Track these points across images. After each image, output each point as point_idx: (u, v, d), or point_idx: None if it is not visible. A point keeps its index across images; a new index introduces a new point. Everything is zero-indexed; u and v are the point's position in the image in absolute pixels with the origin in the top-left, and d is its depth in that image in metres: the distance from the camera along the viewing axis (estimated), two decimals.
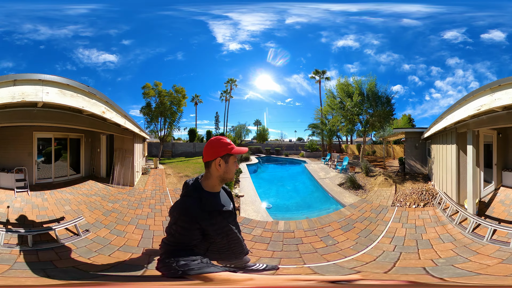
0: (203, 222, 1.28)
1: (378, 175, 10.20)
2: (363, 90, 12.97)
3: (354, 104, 12.54)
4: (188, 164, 15.91)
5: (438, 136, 8.45)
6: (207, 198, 1.38)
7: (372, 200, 7.22)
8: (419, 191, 7.64)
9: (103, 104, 5.05)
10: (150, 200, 6.84)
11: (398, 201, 7.03)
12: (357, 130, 15.04)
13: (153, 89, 18.03)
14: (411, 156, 12.03)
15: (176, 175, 10.71)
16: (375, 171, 11.45)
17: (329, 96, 14.51)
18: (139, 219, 5.29)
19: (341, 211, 6.48)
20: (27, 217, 4.77)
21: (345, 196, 7.75)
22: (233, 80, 32.78)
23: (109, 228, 4.69)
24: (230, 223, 1.46)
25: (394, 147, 21.37)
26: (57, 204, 5.78)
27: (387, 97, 13.03)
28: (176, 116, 18.68)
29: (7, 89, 3.12)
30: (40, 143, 7.81)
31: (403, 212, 6.21)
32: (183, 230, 1.25)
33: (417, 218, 5.86)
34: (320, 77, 28.56)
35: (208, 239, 1.34)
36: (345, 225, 5.55)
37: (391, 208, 6.55)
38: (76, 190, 6.97)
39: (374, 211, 6.32)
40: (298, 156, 23.18)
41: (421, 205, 6.72)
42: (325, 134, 21.58)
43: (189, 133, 29.65)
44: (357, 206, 6.77)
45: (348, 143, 32.33)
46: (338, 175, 11.30)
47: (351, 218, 5.95)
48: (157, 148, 20.59)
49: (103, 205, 6.03)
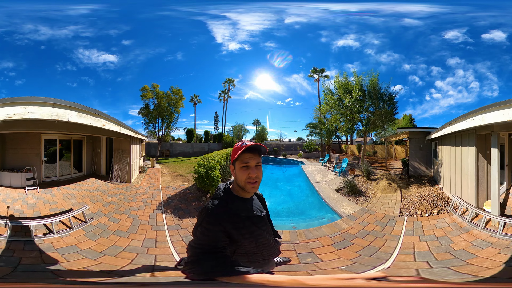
0: (227, 225, 1.19)
1: (380, 179, 9.13)
2: (364, 87, 11.89)
3: (353, 101, 11.44)
4: (185, 164, 15.43)
5: (449, 138, 7.45)
6: (234, 201, 1.29)
7: (376, 209, 6.16)
8: (429, 197, 6.58)
9: (103, 119, 6.41)
10: (144, 195, 7.44)
11: (407, 210, 5.98)
12: (357, 130, 13.87)
13: (151, 91, 18.07)
14: (415, 158, 10.96)
15: (171, 174, 10.87)
16: (377, 173, 10.39)
17: (327, 94, 13.42)
18: (132, 210, 6.02)
19: (336, 224, 5.42)
20: (41, 211, 5.31)
21: (342, 205, 6.67)
22: (231, 80, 31.80)
23: (108, 216, 5.46)
24: (260, 228, 1.33)
25: (395, 148, 20.26)
26: (64, 198, 6.35)
27: (390, 95, 11.91)
28: (174, 117, 18.72)
29: (47, 109, 4.38)
30: (44, 144, 8.24)
31: (416, 223, 5.20)
32: (207, 231, 1.16)
33: (434, 228, 4.96)
34: (318, 75, 27.37)
35: (234, 242, 1.23)
36: (340, 241, 4.54)
37: (399, 218, 5.51)
38: (80, 187, 7.55)
39: (379, 223, 5.28)
40: (296, 156, 22.14)
41: (434, 213, 5.70)
42: (323, 134, 20.41)
43: (187, 134, 29.36)
44: (357, 217, 5.73)
45: (348, 143, 31.24)
46: (337, 178, 10.23)
47: (349, 232, 4.91)
48: (155, 148, 20.44)
49: (103, 198, 6.70)
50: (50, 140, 8.36)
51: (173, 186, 8.55)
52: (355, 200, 6.96)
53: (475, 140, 5.51)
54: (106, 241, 4.28)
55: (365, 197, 7.18)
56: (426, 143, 10.84)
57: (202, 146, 25.90)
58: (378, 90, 11.70)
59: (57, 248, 3.85)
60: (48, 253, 3.62)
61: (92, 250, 3.90)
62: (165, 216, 5.57)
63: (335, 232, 4.93)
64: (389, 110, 11.90)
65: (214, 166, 6.84)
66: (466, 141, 6.02)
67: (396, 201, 6.59)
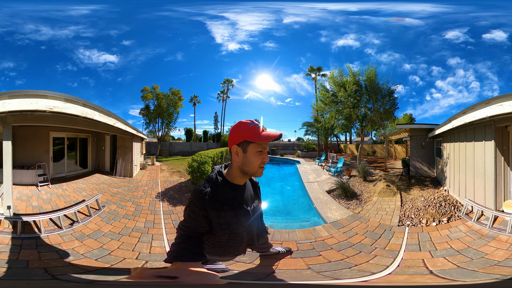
0: (211, 212, 1.14)
1: (378, 180, 7.97)
2: (361, 83, 10.69)
3: (348, 95, 10.26)
4: (183, 162, 15.41)
5: (457, 133, 6.27)
6: (225, 188, 1.19)
7: (369, 216, 5.00)
8: (435, 202, 5.41)
9: (114, 119, 6.94)
10: (144, 187, 7.95)
11: (408, 218, 4.82)
12: (354, 127, 12.62)
13: (151, 92, 18.27)
14: (416, 157, 9.76)
15: (169, 170, 11.41)
16: (375, 174, 9.22)
17: (321, 90, 12.27)
18: (135, 198, 6.53)
19: (314, 230, 4.34)
20: (58, 205, 5.42)
21: (330, 209, 5.54)
22: (229, 80, 30.91)
23: (116, 204, 5.87)
24: (241, 222, 1.25)
25: (396, 147, 18.97)
26: (75, 192, 6.62)
27: (389, 90, 10.68)
28: (173, 117, 18.93)
29: (80, 107, 4.85)
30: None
31: (421, 235, 4.05)
32: (193, 214, 1.17)
33: (448, 239, 3.83)
34: (316, 74, 26.17)
35: (211, 230, 1.21)
36: (305, 249, 3.51)
37: (397, 229, 4.37)
38: (87, 181, 7.88)
39: (370, 235, 4.12)
40: (293, 156, 21.01)
41: (443, 221, 4.56)
42: (321, 132, 19.19)
43: (186, 133, 29.12)
44: (343, 224, 4.59)
45: (347, 142, 29.95)
46: (331, 178, 9.09)
47: (325, 242, 3.82)
48: (155, 147, 20.76)
49: (110, 190, 7.15)
50: (58, 137, 8.54)
51: (171, 180, 9.02)
52: (347, 204, 5.81)
53: (493, 133, 4.33)
54: (119, 223, 4.72)
55: (358, 201, 6.01)
56: (428, 141, 9.65)
57: (201, 145, 25.79)
58: (377, 84, 10.50)
59: (88, 235, 4.13)
60: (83, 241, 3.84)
61: (112, 232, 4.29)
62: (161, 203, 6.14)
63: (308, 239, 3.88)
64: (388, 107, 10.70)
65: (206, 161, 7.35)
66: (481, 135, 4.83)
67: (395, 206, 5.42)
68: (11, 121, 4.25)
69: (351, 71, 10.67)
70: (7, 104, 3.74)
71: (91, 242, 3.83)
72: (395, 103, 10.93)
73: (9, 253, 3.27)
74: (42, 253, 3.39)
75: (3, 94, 3.83)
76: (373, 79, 10.37)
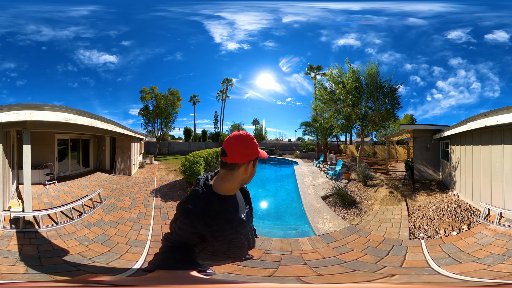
0: (202, 228, 1.04)
1: (380, 186, 7.11)
2: (361, 79, 9.83)
3: (347, 92, 9.39)
4: (180, 161, 14.79)
5: (470, 135, 5.48)
6: (215, 202, 1.07)
7: (371, 228, 4.16)
8: (449, 209, 4.59)
9: (113, 125, 7.26)
10: (141, 184, 8.23)
11: (421, 229, 4.01)
12: (354, 127, 11.73)
13: (150, 93, 18.16)
14: (421, 160, 8.90)
15: (166, 169, 11.50)
16: (376, 177, 8.37)
17: (320, 88, 11.42)
18: (131, 193, 6.86)
19: (297, 241, 3.61)
20: (66, 200, 5.72)
21: (323, 218, 4.71)
22: (229, 80, 30.14)
23: (115, 198, 6.30)
24: (238, 231, 1.12)
25: (397, 148, 18.03)
26: (79, 188, 6.97)
27: (392, 88, 9.79)
28: (172, 117, 18.77)
29: (87, 119, 5.56)
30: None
31: (444, 246, 3.35)
32: (180, 231, 1.06)
33: (481, 246, 3.25)
34: (315, 73, 25.27)
35: (206, 242, 1.09)
36: (266, 260, 3.00)
37: (410, 243, 3.56)
38: (89, 179, 8.24)
39: (372, 251, 3.31)
40: (291, 156, 20.17)
41: (464, 229, 3.81)
42: (320, 133, 18.28)
43: (185, 133, 28.64)
44: (336, 238, 3.79)
45: (347, 143, 29.00)
46: (328, 182, 8.25)
47: (301, 256, 3.10)
48: (154, 147, 20.45)
49: (110, 186, 7.50)
50: (61, 139, 8.79)
51: (166, 178, 9.24)
52: (344, 214, 4.98)
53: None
54: (117, 214, 5.18)
55: (357, 210, 5.17)
56: (433, 143, 8.80)
57: (200, 145, 25.19)
58: (378, 81, 9.63)
59: (93, 223, 4.60)
60: (90, 229, 4.35)
61: (111, 221, 4.75)
62: (154, 198, 6.48)
63: (285, 250, 3.20)
64: (390, 106, 9.82)
65: (198, 161, 7.47)
66: (499, 138, 4.15)
67: (402, 216, 4.58)
68: (31, 127, 4.75)
69: (351, 66, 9.81)
70: (33, 115, 4.36)
71: (96, 229, 4.37)
72: (397, 102, 10.04)
73: (37, 246, 3.60)
74: (66, 241, 3.85)
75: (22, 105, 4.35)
76: (374, 76, 9.50)
